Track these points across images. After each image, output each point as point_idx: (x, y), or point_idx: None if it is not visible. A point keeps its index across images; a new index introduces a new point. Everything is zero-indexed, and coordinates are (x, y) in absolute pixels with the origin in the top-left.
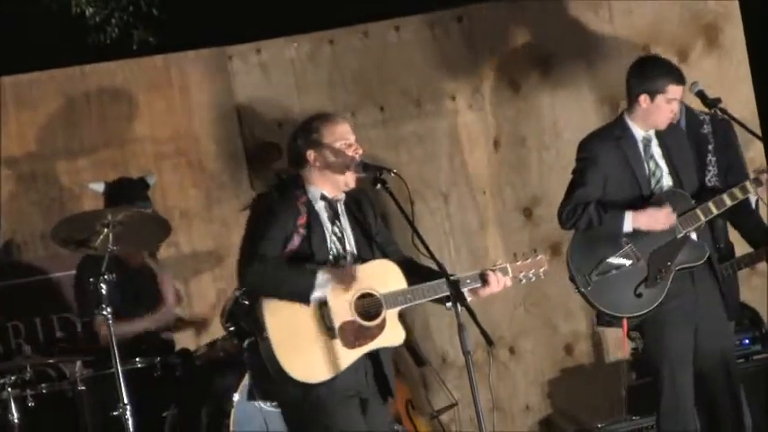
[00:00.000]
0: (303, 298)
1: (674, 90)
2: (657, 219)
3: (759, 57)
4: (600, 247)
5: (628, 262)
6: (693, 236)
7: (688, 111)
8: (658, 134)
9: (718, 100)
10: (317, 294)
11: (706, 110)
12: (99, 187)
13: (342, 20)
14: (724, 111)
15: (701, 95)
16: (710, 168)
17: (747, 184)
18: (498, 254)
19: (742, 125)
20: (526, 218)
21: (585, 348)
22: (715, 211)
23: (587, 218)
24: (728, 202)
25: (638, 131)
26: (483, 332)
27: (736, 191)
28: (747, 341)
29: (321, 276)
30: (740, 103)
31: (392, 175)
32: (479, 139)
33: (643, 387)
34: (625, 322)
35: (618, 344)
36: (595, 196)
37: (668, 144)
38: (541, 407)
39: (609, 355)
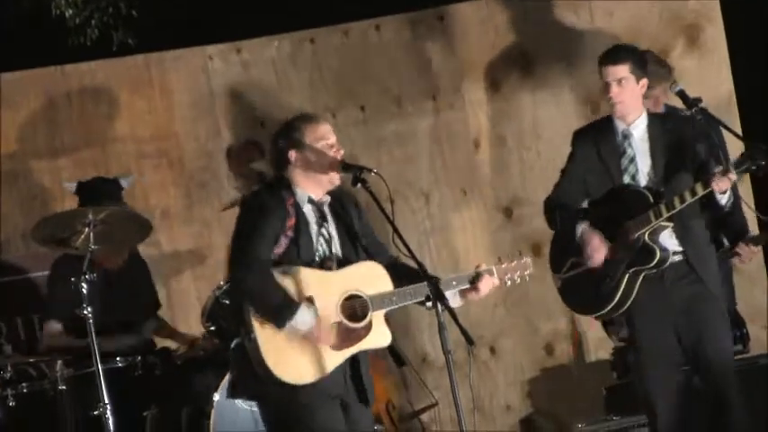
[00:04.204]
0: (278, 323)
1: (603, 71)
2: (588, 253)
3: (740, 56)
4: (569, 247)
5: (588, 263)
6: (665, 237)
7: (672, 110)
8: (651, 129)
9: (699, 99)
10: (291, 325)
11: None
12: (71, 187)
13: (323, 19)
14: (704, 110)
15: (681, 95)
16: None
17: (697, 186)
18: (479, 253)
19: (722, 125)
20: (507, 218)
21: (566, 348)
22: (665, 213)
23: (551, 220)
24: (678, 205)
25: (620, 125)
26: (463, 332)
27: (687, 193)
28: None
29: (303, 314)
30: (721, 102)
31: (372, 174)
32: (460, 139)
33: (623, 387)
34: (591, 320)
35: (599, 343)
36: (575, 191)
37: (658, 139)
38: (522, 406)
39: (590, 354)
